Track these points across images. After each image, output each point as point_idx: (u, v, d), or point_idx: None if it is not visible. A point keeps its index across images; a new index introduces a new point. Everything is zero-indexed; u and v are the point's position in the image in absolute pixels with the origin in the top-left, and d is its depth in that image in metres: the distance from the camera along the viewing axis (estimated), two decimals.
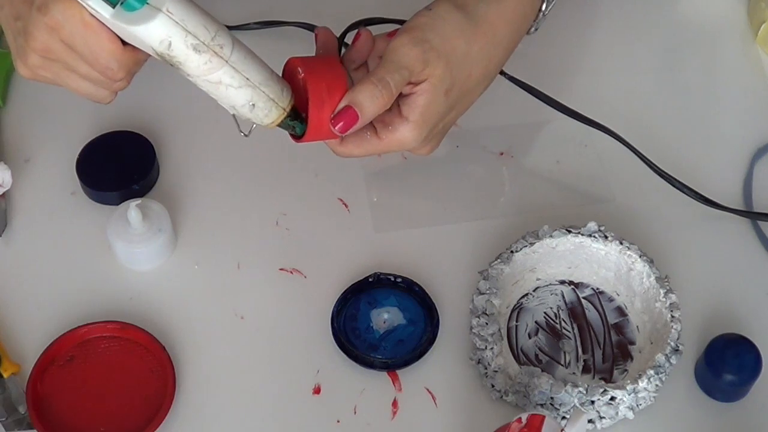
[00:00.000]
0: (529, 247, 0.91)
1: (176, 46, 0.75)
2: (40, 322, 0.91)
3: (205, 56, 0.76)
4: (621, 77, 1.09)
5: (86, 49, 0.76)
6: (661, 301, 0.88)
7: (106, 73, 0.78)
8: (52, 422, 0.86)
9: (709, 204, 0.97)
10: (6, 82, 1.06)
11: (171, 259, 0.95)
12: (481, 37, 0.84)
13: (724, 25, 1.13)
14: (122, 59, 0.77)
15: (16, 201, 0.99)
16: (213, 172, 1.01)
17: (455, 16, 0.83)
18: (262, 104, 0.79)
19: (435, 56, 0.81)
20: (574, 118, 0.97)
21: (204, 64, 0.76)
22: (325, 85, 0.80)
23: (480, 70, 0.85)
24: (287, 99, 0.80)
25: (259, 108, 0.79)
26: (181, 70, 0.77)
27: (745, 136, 1.04)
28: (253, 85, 0.78)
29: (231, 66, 0.77)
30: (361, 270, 0.93)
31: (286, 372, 0.89)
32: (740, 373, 0.86)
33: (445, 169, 1.01)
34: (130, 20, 0.74)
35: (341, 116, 0.80)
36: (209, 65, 0.76)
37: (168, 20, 0.74)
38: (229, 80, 0.77)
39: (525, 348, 0.90)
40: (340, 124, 0.80)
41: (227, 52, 0.76)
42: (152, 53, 0.76)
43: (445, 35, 0.82)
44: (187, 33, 0.75)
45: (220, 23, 0.77)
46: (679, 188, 0.97)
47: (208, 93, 0.79)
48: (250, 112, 0.79)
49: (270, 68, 0.80)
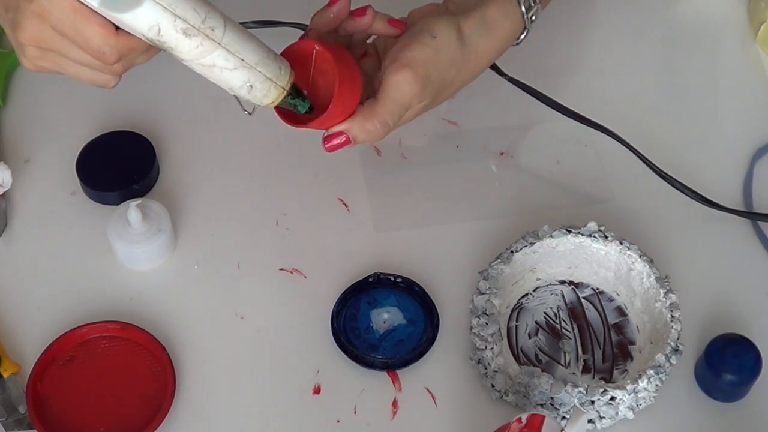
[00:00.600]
0: (529, 247, 0.91)
1: (166, 32, 0.74)
2: (40, 322, 0.91)
3: (196, 40, 0.74)
4: (621, 77, 1.09)
5: (77, 35, 0.75)
6: (661, 301, 0.88)
7: (100, 57, 0.77)
8: (52, 422, 0.86)
9: (709, 204, 0.97)
10: (6, 82, 1.06)
11: (171, 259, 0.95)
12: (467, 66, 0.87)
13: (724, 25, 1.13)
14: (115, 43, 0.76)
15: (16, 201, 0.99)
16: (213, 172, 1.01)
17: (454, 47, 0.85)
18: (260, 84, 0.77)
19: (430, 90, 0.84)
20: (573, 119, 0.97)
21: (196, 47, 0.74)
22: (351, 90, 0.80)
23: (452, 92, 0.88)
24: (286, 77, 0.79)
25: (257, 89, 0.77)
26: (174, 55, 0.76)
27: (745, 136, 1.04)
28: (248, 66, 0.76)
29: (224, 48, 0.75)
30: (361, 270, 0.93)
31: (286, 372, 0.89)
32: (740, 373, 0.86)
33: (445, 169, 1.01)
34: (118, 8, 0.73)
35: (334, 137, 0.82)
36: (201, 48, 0.75)
37: (155, 5, 0.73)
38: (224, 62, 0.76)
39: (525, 348, 0.90)
40: (331, 143, 0.82)
41: (219, 34, 0.75)
42: (144, 39, 0.75)
43: (442, 68, 0.85)
44: (176, 17, 0.73)
45: (211, 4, 0.75)
46: (679, 189, 0.97)
47: (205, 77, 0.77)
48: (248, 94, 0.78)
49: (266, 46, 0.78)
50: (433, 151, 1.03)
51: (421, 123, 1.04)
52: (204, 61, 0.76)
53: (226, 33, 0.75)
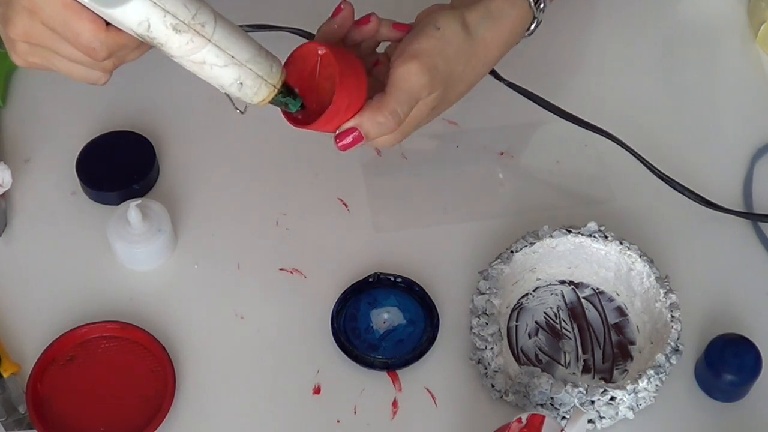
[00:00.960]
0: (529, 247, 0.91)
1: (155, 27, 0.73)
2: (40, 322, 0.91)
3: (186, 36, 0.73)
4: (620, 78, 1.09)
5: (67, 30, 0.75)
6: (661, 301, 0.88)
7: (90, 53, 0.76)
8: (52, 422, 0.86)
9: (709, 205, 0.97)
10: (6, 82, 1.06)
11: (171, 259, 0.95)
12: (476, 58, 0.86)
13: (724, 25, 1.13)
14: (105, 39, 0.75)
15: (16, 201, 0.99)
16: (213, 172, 1.01)
17: (460, 38, 0.85)
18: (250, 82, 0.77)
19: (439, 80, 0.83)
20: (573, 122, 0.97)
21: (186, 44, 0.74)
22: (355, 86, 0.80)
23: (465, 87, 0.88)
24: (277, 76, 0.78)
25: (247, 86, 0.77)
26: (164, 51, 0.75)
27: (745, 136, 1.04)
28: (239, 63, 0.76)
29: (214, 44, 0.74)
30: (361, 270, 0.93)
31: (286, 372, 0.89)
32: (740, 373, 0.86)
33: (445, 169, 1.01)
34: (108, 3, 0.72)
35: (346, 135, 0.82)
36: (191, 45, 0.74)
37: (146, 1, 0.72)
38: (214, 59, 0.75)
39: (525, 348, 0.90)
40: (343, 142, 0.82)
41: (209, 31, 0.74)
42: (134, 35, 0.75)
43: (449, 59, 0.84)
44: (166, 13, 0.73)
45: (202, 0, 0.75)
46: (679, 190, 0.97)
47: (196, 74, 0.77)
48: (239, 91, 0.77)
49: (258, 44, 0.77)
50: (433, 151, 1.03)
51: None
52: (194, 58, 0.75)
53: (217, 29, 0.75)
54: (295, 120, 0.82)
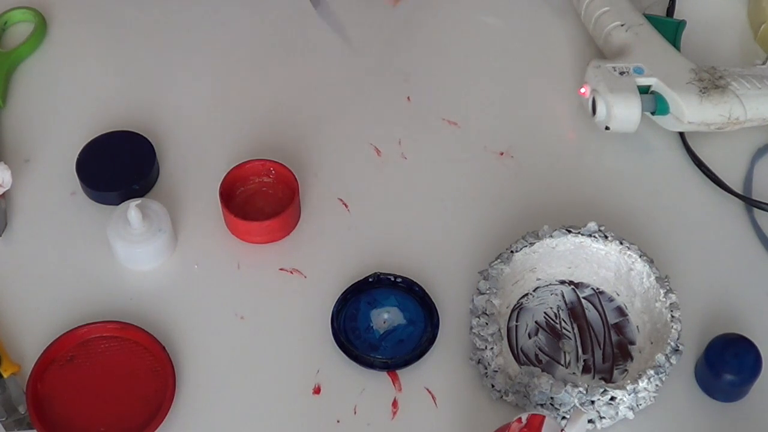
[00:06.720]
0: (529, 247, 0.91)
1: None
2: (40, 322, 0.91)
3: None
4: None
5: None
6: (661, 301, 0.88)
7: None
8: (52, 422, 0.86)
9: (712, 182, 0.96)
10: (6, 82, 1.06)
11: (171, 259, 0.95)
12: None
13: (724, 25, 1.13)
14: None
15: (16, 201, 0.99)
16: (213, 172, 1.00)
17: None
18: None
19: None
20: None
21: None
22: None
23: None
24: None
25: None
26: None
27: (745, 136, 1.04)
28: None
29: None
30: (361, 270, 0.93)
31: (286, 372, 0.89)
32: (740, 373, 0.86)
33: (445, 169, 1.01)
34: None
35: None
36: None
37: None
38: None
39: (525, 348, 0.90)
40: None
41: None
42: None
43: None
44: None
45: None
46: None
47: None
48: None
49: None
50: (433, 151, 1.03)
51: (421, 123, 1.05)
52: None
53: None
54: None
